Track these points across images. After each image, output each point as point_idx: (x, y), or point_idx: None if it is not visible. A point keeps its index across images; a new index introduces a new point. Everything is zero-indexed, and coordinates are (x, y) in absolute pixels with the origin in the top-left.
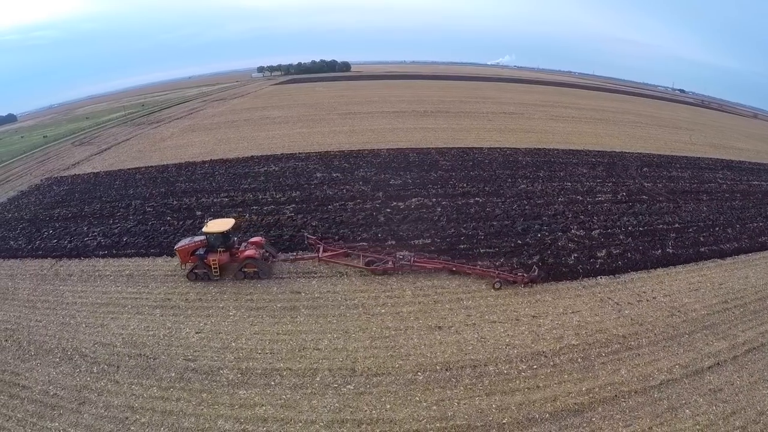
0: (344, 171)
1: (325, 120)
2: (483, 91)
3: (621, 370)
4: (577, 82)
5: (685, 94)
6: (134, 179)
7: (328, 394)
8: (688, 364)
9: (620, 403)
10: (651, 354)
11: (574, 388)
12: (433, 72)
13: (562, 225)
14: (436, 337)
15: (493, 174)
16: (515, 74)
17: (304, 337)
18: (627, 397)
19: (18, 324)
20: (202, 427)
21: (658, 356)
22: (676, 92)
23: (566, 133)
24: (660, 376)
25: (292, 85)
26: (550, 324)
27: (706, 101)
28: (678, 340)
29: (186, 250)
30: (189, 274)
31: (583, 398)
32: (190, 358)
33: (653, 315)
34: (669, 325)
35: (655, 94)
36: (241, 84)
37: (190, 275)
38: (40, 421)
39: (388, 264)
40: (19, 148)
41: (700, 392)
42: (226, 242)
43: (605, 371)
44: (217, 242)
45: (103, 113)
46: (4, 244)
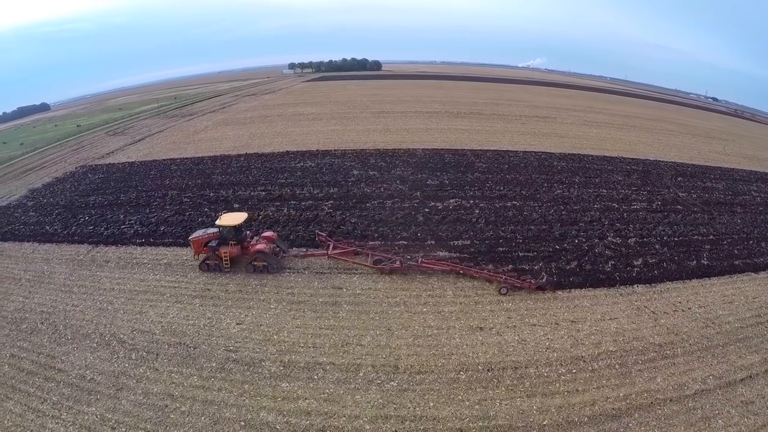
0: (381, 169)
1: (359, 118)
2: (515, 94)
3: (657, 378)
4: (608, 87)
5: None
6: (170, 170)
7: (372, 390)
8: (721, 375)
9: (656, 410)
10: (686, 364)
11: (612, 393)
12: (463, 73)
13: (599, 232)
14: (477, 337)
15: (529, 178)
16: (546, 77)
17: (347, 332)
18: (662, 405)
19: (54, 308)
20: (244, 418)
21: (693, 366)
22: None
23: (600, 139)
24: (694, 385)
25: (323, 83)
26: (589, 329)
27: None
28: (712, 351)
29: (199, 241)
30: (201, 265)
31: (621, 404)
32: (231, 349)
33: (688, 325)
34: (703, 336)
35: (688, 101)
36: (272, 80)
37: (202, 266)
38: (76, 405)
39: (396, 263)
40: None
41: (733, 404)
42: (238, 235)
43: (642, 378)
44: (230, 235)
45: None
46: (39, 228)
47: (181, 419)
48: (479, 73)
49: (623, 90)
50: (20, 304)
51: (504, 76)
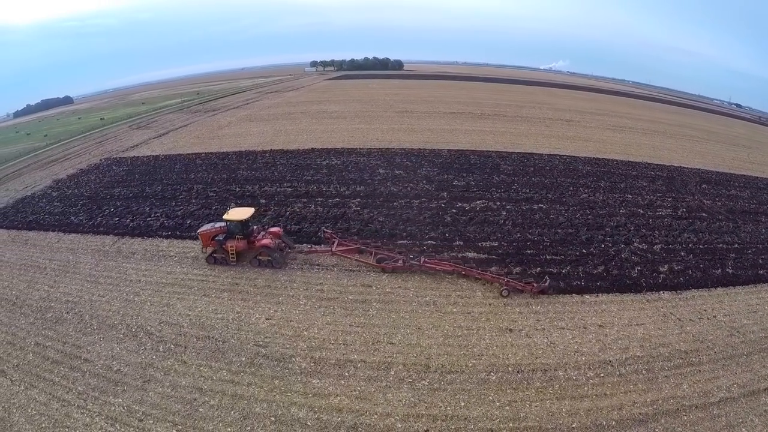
0: (407, 169)
1: (382, 117)
2: (537, 96)
3: (683, 385)
4: (631, 91)
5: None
6: (194, 164)
7: (403, 389)
8: (745, 384)
9: (681, 416)
10: (711, 371)
11: (639, 398)
12: (485, 74)
13: (625, 237)
14: (507, 339)
15: (555, 181)
16: (568, 80)
17: (377, 330)
18: (688, 412)
19: (80, 297)
20: (274, 414)
21: (718, 374)
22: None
23: (624, 144)
24: (719, 393)
25: (345, 81)
26: (616, 334)
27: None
28: (736, 360)
29: (207, 235)
30: (208, 258)
31: (648, 409)
32: (260, 344)
33: (713, 333)
34: (728, 345)
35: (711, 107)
36: (294, 77)
37: (209, 259)
38: (102, 395)
39: (398, 263)
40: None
41: (756, 412)
42: (244, 230)
43: (668, 384)
44: (236, 229)
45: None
46: (64, 218)
47: (210, 413)
48: (501, 74)
49: (646, 94)
50: (45, 293)
51: (526, 78)
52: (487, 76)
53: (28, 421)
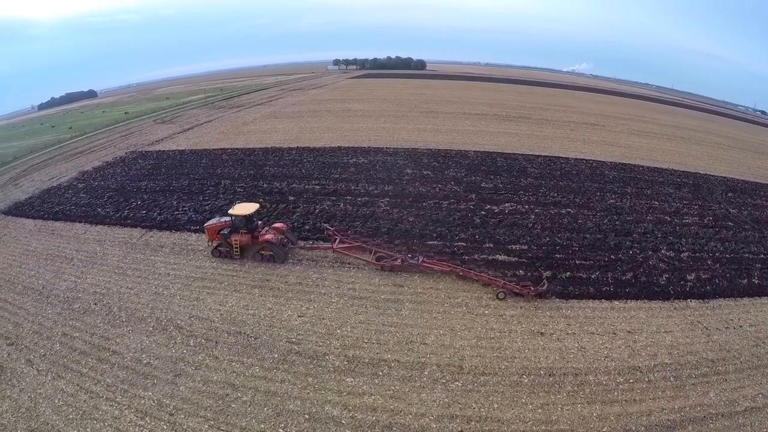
0: (434, 169)
1: (408, 117)
2: (560, 99)
3: (710, 393)
4: (655, 95)
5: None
6: (221, 159)
7: (437, 389)
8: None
9: (708, 424)
10: (737, 381)
11: (668, 405)
12: (508, 75)
13: (652, 244)
14: (538, 342)
15: (582, 186)
16: (591, 83)
17: (410, 330)
18: (714, 420)
19: (108, 289)
20: (308, 411)
21: (744, 383)
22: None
23: (649, 150)
24: (745, 402)
25: (368, 80)
26: (645, 341)
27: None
28: (762, 370)
29: (213, 229)
30: (213, 251)
31: (675, 416)
32: (293, 341)
33: (740, 343)
34: (754, 355)
35: (736, 113)
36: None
37: (215, 252)
38: (132, 388)
39: (397, 261)
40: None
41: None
42: (248, 225)
43: (695, 392)
44: (241, 224)
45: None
46: (91, 210)
47: (242, 409)
48: (524, 76)
49: (670, 99)
50: (72, 283)
51: (549, 80)
52: (509, 77)
53: (55, 412)
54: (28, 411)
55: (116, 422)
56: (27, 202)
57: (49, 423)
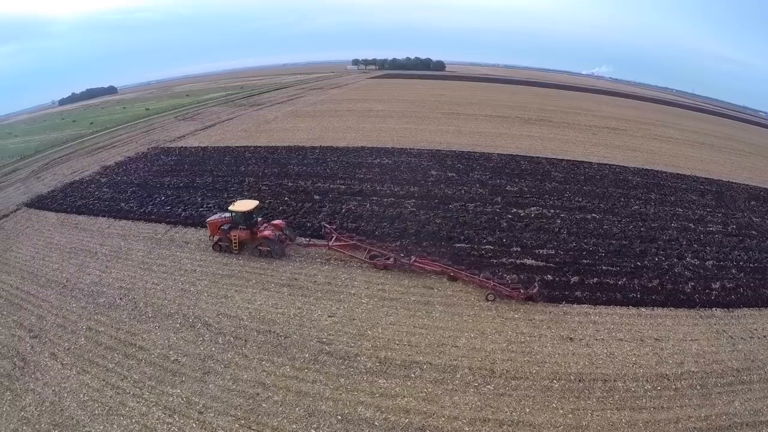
0: (459, 172)
1: (430, 118)
2: (582, 102)
3: (735, 402)
4: (676, 100)
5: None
6: (244, 157)
7: (469, 392)
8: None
9: None
10: (761, 390)
11: (694, 413)
12: (528, 78)
13: (677, 251)
14: (568, 347)
15: (606, 191)
16: (611, 87)
17: (442, 333)
18: (739, 429)
19: (133, 284)
20: (340, 412)
21: None
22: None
23: (671, 156)
24: None
25: (388, 80)
26: (672, 349)
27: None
28: None
29: (215, 224)
30: (214, 246)
31: (702, 424)
32: (324, 341)
33: (764, 353)
34: None
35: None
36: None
37: (215, 246)
38: (159, 385)
39: (390, 260)
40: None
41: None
42: (247, 221)
43: (721, 401)
44: (240, 220)
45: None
46: (114, 205)
47: (273, 408)
48: (544, 78)
49: (691, 104)
50: (97, 277)
51: (569, 83)
52: (530, 79)
53: (80, 407)
54: (53, 405)
55: (144, 419)
56: (49, 195)
57: (73, 418)
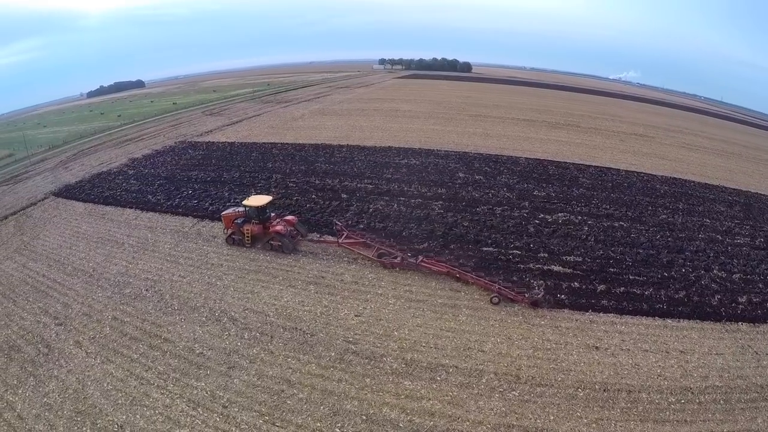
0: (486, 175)
1: (456, 120)
2: (609, 108)
3: (758, 419)
4: (703, 107)
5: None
6: (271, 153)
7: (495, 398)
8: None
9: None
10: None
11: (717, 428)
12: (554, 81)
13: (704, 263)
14: (593, 356)
15: (633, 199)
16: (639, 92)
17: (468, 337)
18: None
19: (160, 276)
20: (365, 413)
21: None
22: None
23: (699, 165)
24: None
25: (414, 80)
26: (697, 362)
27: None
28: None
29: (229, 218)
30: (228, 239)
31: None
32: (350, 341)
33: None
34: None
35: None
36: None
37: (229, 239)
38: (184, 377)
39: (397, 259)
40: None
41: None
42: (260, 215)
43: (744, 417)
44: (253, 214)
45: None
46: (142, 197)
47: (298, 406)
48: (570, 82)
49: (719, 112)
50: (123, 268)
51: (596, 87)
52: (556, 83)
53: (104, 396)
54: (76, 392)
55: (167, 411)
56: (77, 185)
57: (96, 406)
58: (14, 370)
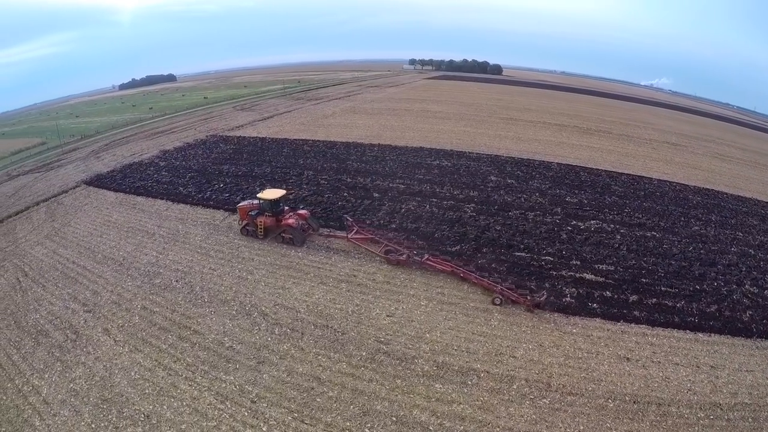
0: (518, 179)
1: (488, 122)
2: (640, 114)
3: None
4: (736, 117)
5: None
6: (302, 150)
7: (525, 404)
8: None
9: None
10: None
11: None
12: (585, 86)
13: (737, 277)
14: (624, 367)
15: (666, 209)
16: (670, 99)
17: (500, 342)
18: None
19: (190, 268)
20: (396, 414)
21: None
22: None
23: (732, 176)
24: None
25: (444, 81)
26: (727, 378)
27: None
28: None
29: (245, 209)
30: (242, 230)
31: None
32: (382, 341)
33: None
34: None
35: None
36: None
37: (243, 230)
38: (212, 370)
39: (403, 257)
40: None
41: None
42: (274, 208)
43: None
44: (267, 207)
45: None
46: (173, 188)
47: (328, 404)
48: (601, 87)
49: (752, 122)
50: (153, 258)
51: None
52: (587, 88)
53: (131, 385)
54: (102, 380)
55: (195, 403)
56: (108, 175)
57: (123, 395)
58: (41, 355)
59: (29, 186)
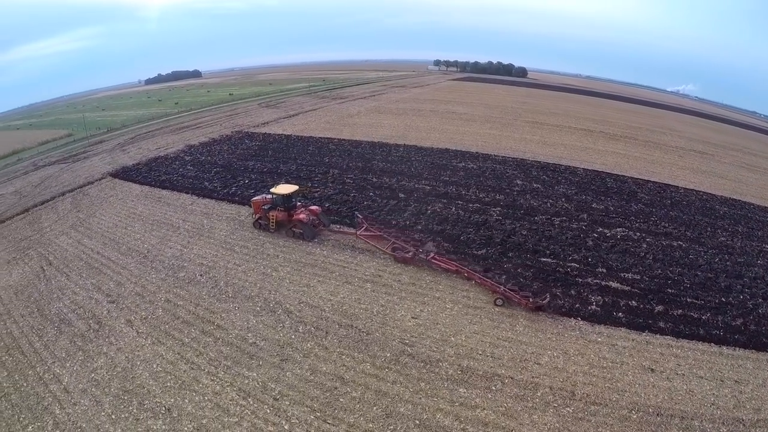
0: (544, 183)
1: (513, 125)
2: (666, 121)
3: None
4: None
5: None
6: (328, 148)
7: (549, 412)
8: None
9: None
10: None
11: None
12: (611, 91)
13: (763, 291)
14: (648, 378)
15: (692, 219)
16: (697, 106)
17: (525, 348)
18: None
19: (214, 262)
20: (419, 417)
21: None
22: None
23: (759, 187)
24: None
25: (469, 83)
26: (750, 393)
27: None
28: None
29: (258, 203)
30: (255, 223)
31: None
32: (406, 343)
33: None
34: None
35: None
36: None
37: (256, 224)
38: (235, 366)
39: (409, 254)
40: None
41: None
42: (286, 203)
43: None
44: (280, 202)
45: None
46: (198, 183)
47: (351, 405)
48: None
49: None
50: (178, 251)
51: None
52: (612, 93)
53: (152, 377)
54: (124, 371)
55: (217, 398)
56: (134, 167)
57: (144, 387)
58: (63, 344)
59: (55, 176)
